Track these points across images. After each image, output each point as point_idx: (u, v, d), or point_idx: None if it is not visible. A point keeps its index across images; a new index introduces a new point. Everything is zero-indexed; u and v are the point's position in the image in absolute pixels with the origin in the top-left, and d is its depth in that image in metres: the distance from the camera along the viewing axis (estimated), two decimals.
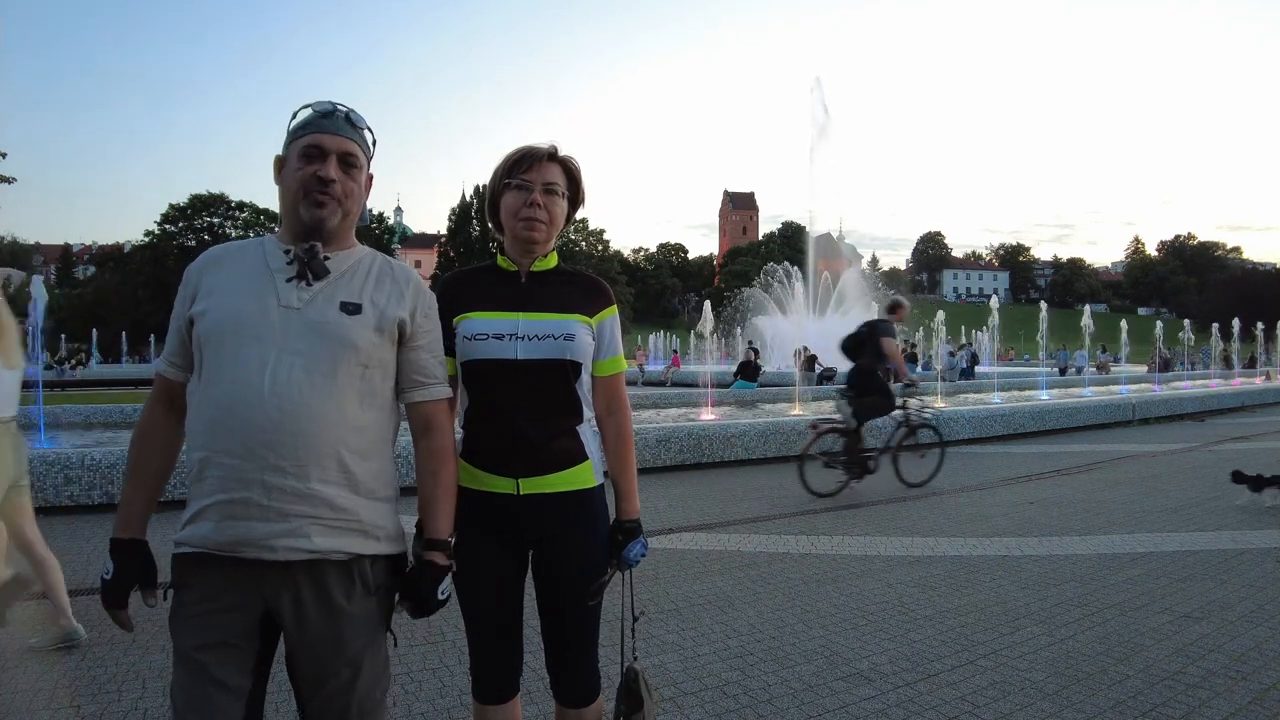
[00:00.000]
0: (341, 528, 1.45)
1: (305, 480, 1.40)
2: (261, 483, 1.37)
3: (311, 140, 1.48)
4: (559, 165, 1.77)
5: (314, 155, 1.48)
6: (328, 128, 1.49)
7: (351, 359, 1.46)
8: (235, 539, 1.38)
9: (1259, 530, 5.36)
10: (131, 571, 1.48)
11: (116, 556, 1.48)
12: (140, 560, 1.49)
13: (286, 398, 1.38)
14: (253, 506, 1.37)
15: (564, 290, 1.77)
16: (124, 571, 1.47)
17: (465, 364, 1.72)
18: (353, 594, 1.47)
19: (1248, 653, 3.20)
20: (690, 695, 2.83)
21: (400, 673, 2.99)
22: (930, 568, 4.52)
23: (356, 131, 1.53)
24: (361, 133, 1.54)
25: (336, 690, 1.46)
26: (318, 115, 1.51)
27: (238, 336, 1.41)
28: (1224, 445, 10.08)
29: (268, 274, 1.47)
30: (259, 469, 1.37)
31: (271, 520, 1.38)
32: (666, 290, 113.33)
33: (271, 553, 1.39)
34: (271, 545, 1.39)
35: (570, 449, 1.73)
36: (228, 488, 1.38)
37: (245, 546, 1.39)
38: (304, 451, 1.39)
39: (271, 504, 1.38)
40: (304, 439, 1.39)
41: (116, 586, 1.47)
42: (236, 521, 1.38)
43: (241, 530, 1.38)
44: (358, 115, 1.55)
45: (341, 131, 1.50)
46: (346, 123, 1.52)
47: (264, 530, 1.38)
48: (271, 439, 1.37)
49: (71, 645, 3.29)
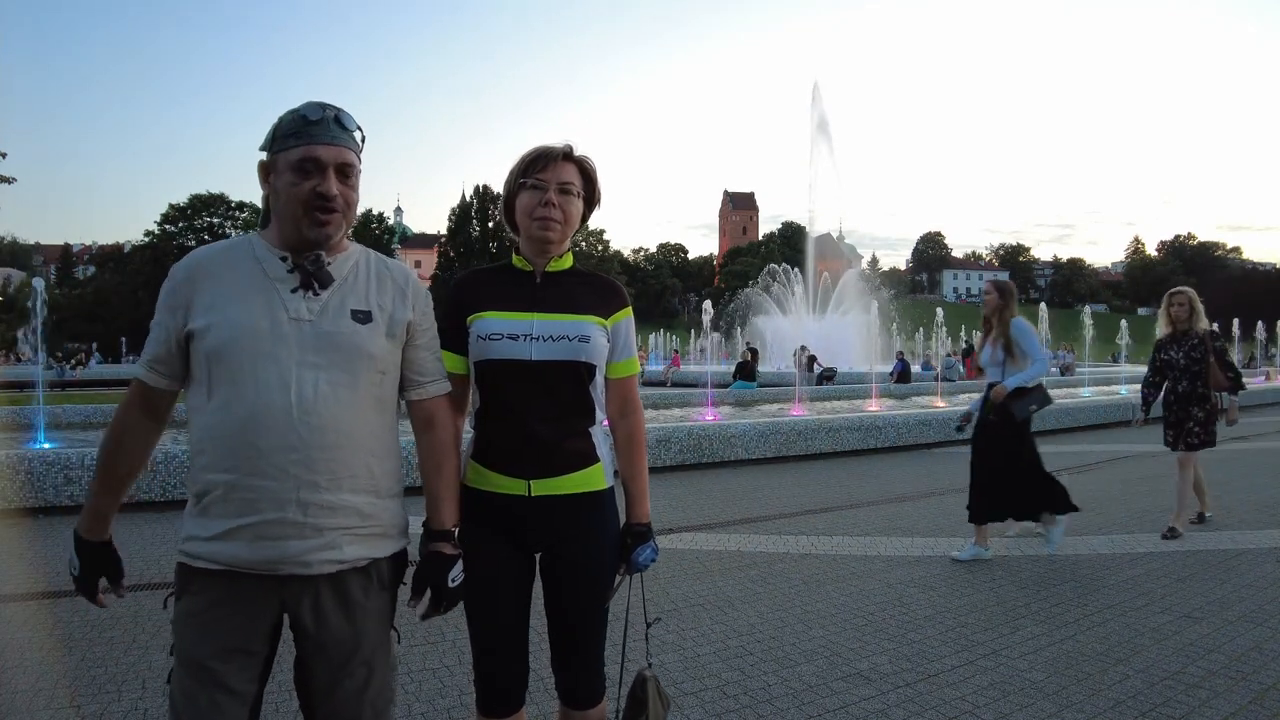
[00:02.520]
0: (368, 534, 1.47)
1: (338, 492, 1.41)
2: (297, 501, 1.37)
3: (305, 153, 1.42)
4: (574, 165, 1.76)
5: (310, 170, 1.42)
6: (320, 136, 1.43)
7: (370, 367, 1.47)
8: (271, 558, 1.38)
9: (1259, 530, 5.36)
10: (99, 571, 1.51)
11: (84, 556, 1.51)
12: (107, 560, 1.52)
13: (315, 414, 1.39)
14: (289, 525, 1.38)
15: (579, 291, 1.77)
16: (91, 570, 1.51)
17: (479, 364, 1.70)
18: (369, 590, 1.49)
19: (1248, 653, 3.20)
20: (690, 695, 2.83)
21: (400, 673, 2.97)
22: (930, 568, 4.52)
23: (348, 135, 1.47)
24: (352, 134, 1.49)
25: (352, 690, 1.46)
26: (306, 122, 1.43)
27: (253, 354, 1.39)
28: (1224, 445, 10.06)
29: (269, 284, 1.44)
30: (294, 487, 1.37)
31: (308, 537, 1.39)
32: (666, 290, 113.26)
33: (306, 568, 1.40)
34: (307, 560, 1.40)
35: (582, 450, 1.73)
36: (260, 509, 1.37)
37: (281, 565, 1.39)
38: (337, 464, 1.40)
39: (308, 520, 1.38)
40: (336, 452, 1.40)
41: (85, 583, 1.52)
42: (272, 542, 1.38)
43: (278, 550, 1.38)
44: (346, 115, 1.49)
45: (335, 139, 1.44)
46: (337, 126, 1.45)
47: (300, 547, 1.39)
48: (304, 457, 1.37)
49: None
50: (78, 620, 3.54)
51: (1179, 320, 5.39)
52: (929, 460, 8.93)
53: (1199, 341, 5.31)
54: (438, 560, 1.56)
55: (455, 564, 1.58)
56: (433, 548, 1.58)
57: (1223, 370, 5.33)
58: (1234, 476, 7.56)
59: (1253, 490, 6.86)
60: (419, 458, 1.62)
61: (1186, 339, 5.34)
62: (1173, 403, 5.39)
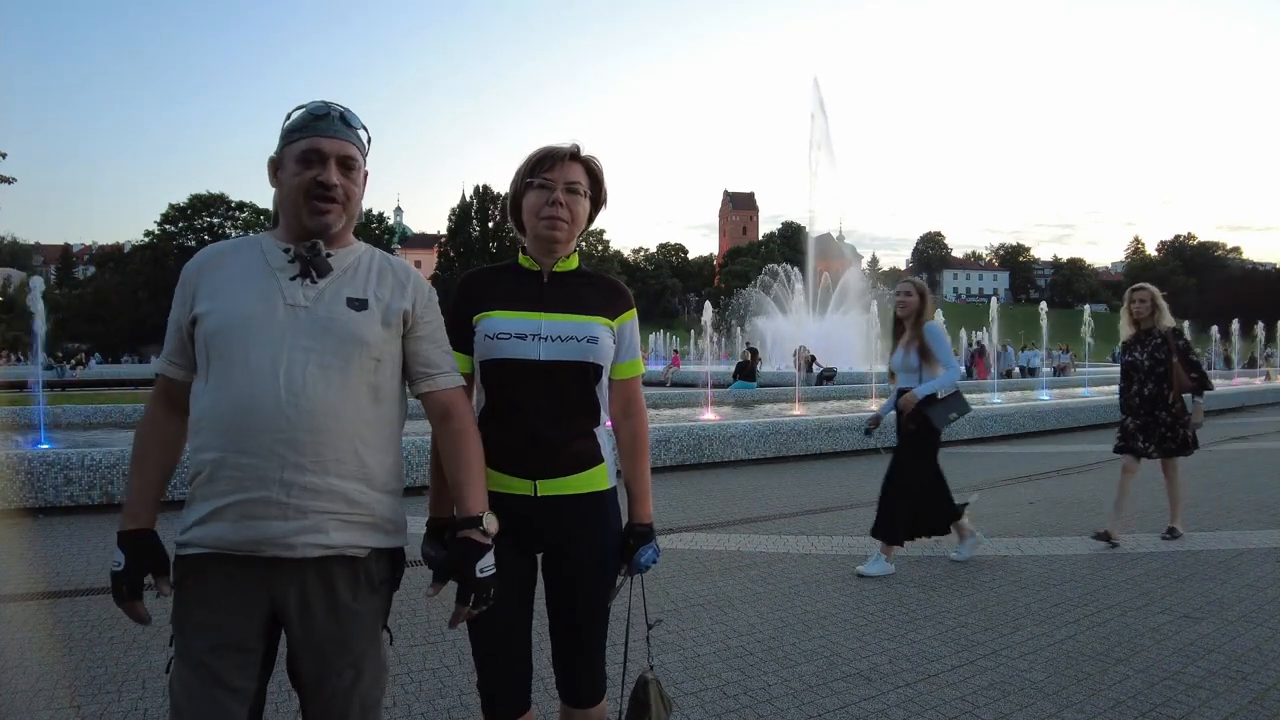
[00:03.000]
0: (357, 522, 1.46)
1: (324, 476, 1.41)
2: (281, 481, 1.38)
3: (309, 145, 1.47)
4: (581, 165, 1.76)
5: (312, 160, 1.47)
6: (324, 130, 1.48)
7: (363, 354, 1.47)
8: (254, 538, 1.39)
9: (1259, 530, 5.36)
10: (143, 561, 1.45)
11: (127, 547, 1.45)
12: (151, 549, 1.47)
13: (303, 395, 1.39)
14: (272, 505, 1.38)
15: (585, 292, 1.77)
16: (136, 561, 1.45)
17: (486, 362, 1.70)
18: (358, 591, 1.48)
19: (1248, 653, 3.19)
20: (690, 695, 2.83)
21: (400, 673, 2.99)
22: (930, 568, 4.52)
23: (352, 131, 1.52)
24: (357, 132, 1.53)
25: (339, 689, 1.46)
26: (312, 117, 1.49)
27: (246, 336, 1.41)
28: (1224, 445, 10.08)
29: (270, 272, 1.48)
30: (278, 467, 1.38)
31: (291, 518, 1.39)
32: (666, 290, 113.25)
33: (290, 550, 1.40)
34: (290, 543, 1.40)
35: (587, 451, 1.73)
36: (245, 487, 1.38)
37: (264, 545, 1.39)
38: (323, 448, 1.41)
39: (291, 501, 1.39)
40: (323, 435, 1.40)
41: (129, 577, 1.44)
42: (255, 521, 1.38)
43: (260, 529, 1.38)
44: (352, 114, 1.54)
45: (338, 133, 1.49)
46: (342, 123, 1.51)
47: (282, 528, 1.39)
48: (290, 437, 1.38)
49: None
50: (78, 620, 3.54)
51: (1140, 318, 5.12)
52: None
53: (1161, 341, 5.03)
54: (468, 547, 1.50)
55: (486, 553, 1.51)
56: (462, 534, 1.51)
57: (1186, 370, 5.02)
58: (1234, 476, 7.57)
59: (1253, 490, 6.85)
60: (440, 450, 1.61)
61: (1150, 339, 5.08)
62: (1138, 406, 5.10)
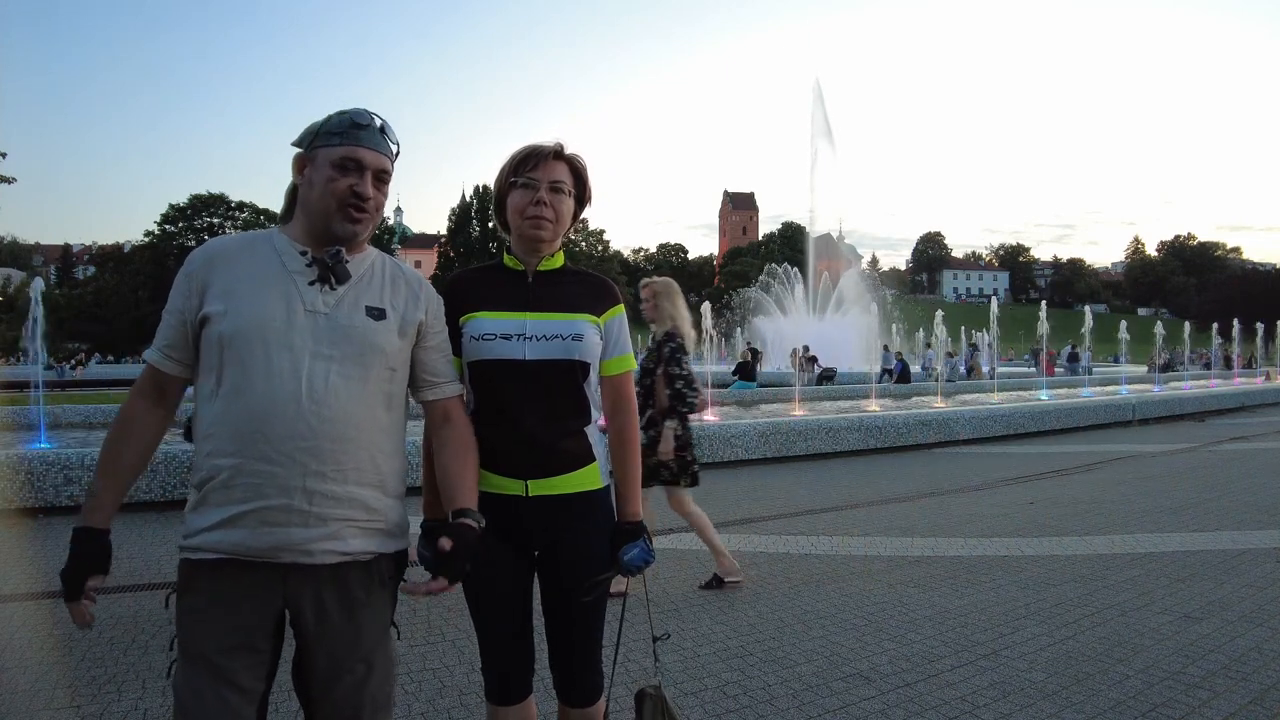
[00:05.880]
0: (372, 529, 1.48)
1: (344, 484, 1.42)
2: (303, 489, 1.38)
3: (348, 153, 1.47)
4: (565, 163, 1.76)
5: (350, 168, 1.47)
6: (366, 141, 1.48)
7: (382, 363, 1.49)
8: (274, 545, 1.39)
9: (1259, 530, 5.36)
10: (91, 559, 1.42)
11: (79, 544, 1.41)
12: (104, 550, 1.44)
13: (325, 404, 1.40)
14: (294, 513, 1.38)
15: (571, 290, 1.77)
16: (83, 559, 1.41)
17: (473, 364, 1.71)
18: (371, 589, 1.49)
19: (1248, 653, 3.20)
20: (690, 695, 2.83)
21: (400, 673, 2.98)
22: (930, 568, 4.52)
23: (388, 145, 1.53)
24: (392, 146, 1.55)
25: (351, 687, 1.47)
26: (355, 125, 1.48)
27: (265, 341, 1.40)
28: (1224, 445, 10.08)
29: (287, 276, 1.47)
30: (300, 475, 1.38)
31: (312, 525, 1.39)
32: None
33: (309, 557, 1.40)
34: (310, 549, 1.40)
35: (578, 450, 1.73)
36: (265, 494, 1.37)
37: (283, 552, 1.39)
38: (344, 456, 1.41)
39: (313, 509, 1.39)
40: (344, 444, 1.41)
41: (74, 575, 1.40)
42: (275, 528, 1.38)
43: (280, 536, 1.38)
44: (390, 127, 1.54)
45: (378, 146, 1.50)
46: (382, 135, 1.51)
47: (303, 535, 1.39)
48: (312, 445, 1.38)
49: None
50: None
51: (646, 317, 4.20)
52: (929, 460, 8.92)
53: (655, 347, 4.08)
54: (467, 531, 1.51)
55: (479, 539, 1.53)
56: (460, 521, 1.52)
57: (668, 384, 4.00)
58: (1234, 476, 7.57)
59: (1253, 490, 6.85)
60: (439, 450, 1.62)
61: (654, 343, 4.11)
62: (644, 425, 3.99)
